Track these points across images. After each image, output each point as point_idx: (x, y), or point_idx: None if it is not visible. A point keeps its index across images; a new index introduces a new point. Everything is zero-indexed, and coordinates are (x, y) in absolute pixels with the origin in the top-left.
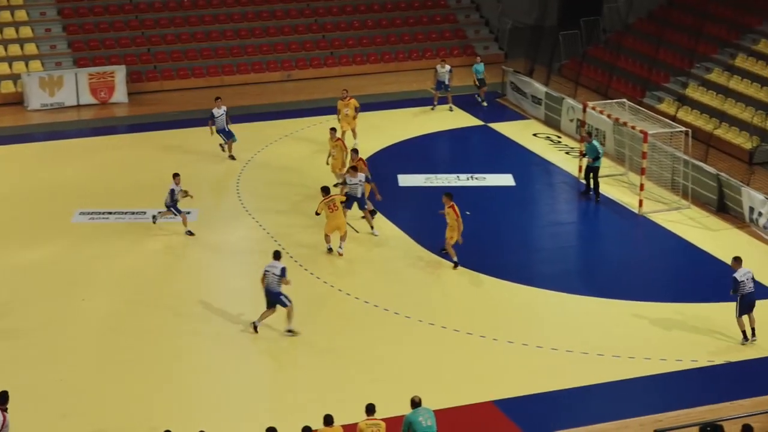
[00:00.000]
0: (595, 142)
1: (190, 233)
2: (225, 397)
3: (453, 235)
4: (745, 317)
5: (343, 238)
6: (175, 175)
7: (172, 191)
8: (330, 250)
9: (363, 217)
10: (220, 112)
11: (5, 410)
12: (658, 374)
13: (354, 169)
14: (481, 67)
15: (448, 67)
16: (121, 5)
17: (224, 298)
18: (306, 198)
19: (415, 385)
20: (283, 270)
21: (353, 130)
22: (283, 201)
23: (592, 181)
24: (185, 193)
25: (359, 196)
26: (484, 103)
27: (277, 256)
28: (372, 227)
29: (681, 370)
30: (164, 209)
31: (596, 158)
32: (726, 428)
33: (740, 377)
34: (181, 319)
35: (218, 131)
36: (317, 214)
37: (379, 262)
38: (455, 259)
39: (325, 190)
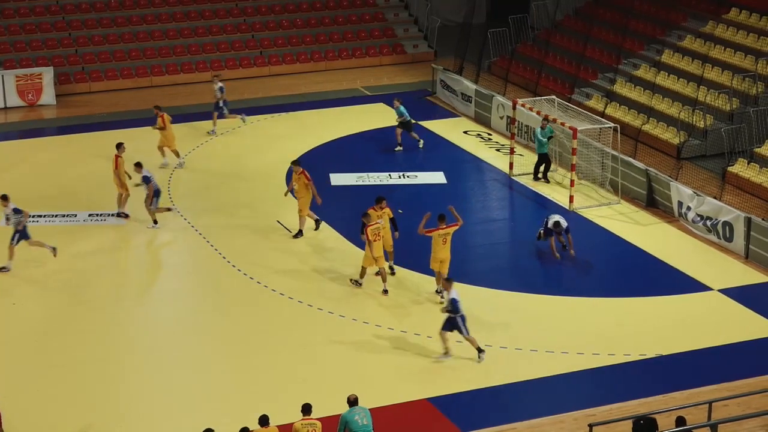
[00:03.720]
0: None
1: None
2: (161, 399)
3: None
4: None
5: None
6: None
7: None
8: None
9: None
10: None
11: None
12: (591, 369)
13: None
14: (402, 109)
15: (219, 84)
16: (48, 6)
17: (157, 299)
18: (237, 197)
19: (351, 384)
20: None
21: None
22: (214, 200)
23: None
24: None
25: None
26: (420, 143)
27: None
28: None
29: (614, 365)
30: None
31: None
32: (659, 421)
33: (672, 370)
34: (115, 321)
35: None
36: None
37: (312, 262)
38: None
39: (441, 218)
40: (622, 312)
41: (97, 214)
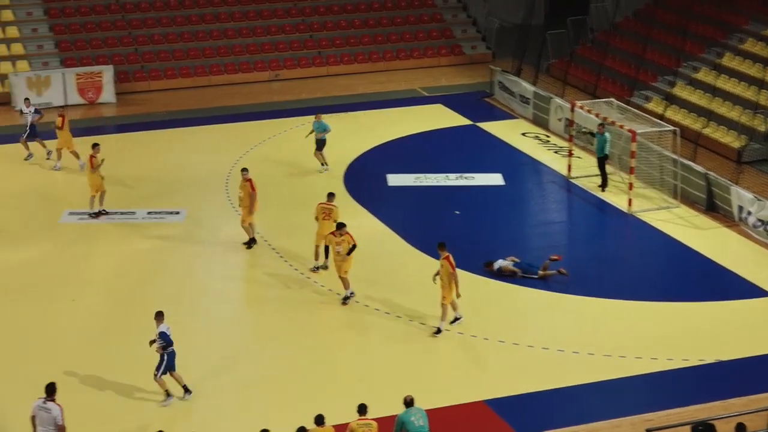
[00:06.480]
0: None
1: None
2: (216, 397)
3: (445, 294)
4: (168, 376)
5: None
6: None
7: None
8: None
9: None
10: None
11: (53, 400)
12: (649, 373)
13: None
14: (319, 123)
15: (32, 107)
16: (108, 5)
17: (212, 297)
18: (294, 197)
19: (407, 385)
20: None
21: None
22: (272, 200)
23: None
24: None
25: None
26: (326, 168)
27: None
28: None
29: (672, 369)
30: None
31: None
32: (718, 427)
33: (732, 376)
34: (171, 318)
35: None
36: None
37: (369, 263)
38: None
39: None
40: (682, 316)
41: (155, 212)
